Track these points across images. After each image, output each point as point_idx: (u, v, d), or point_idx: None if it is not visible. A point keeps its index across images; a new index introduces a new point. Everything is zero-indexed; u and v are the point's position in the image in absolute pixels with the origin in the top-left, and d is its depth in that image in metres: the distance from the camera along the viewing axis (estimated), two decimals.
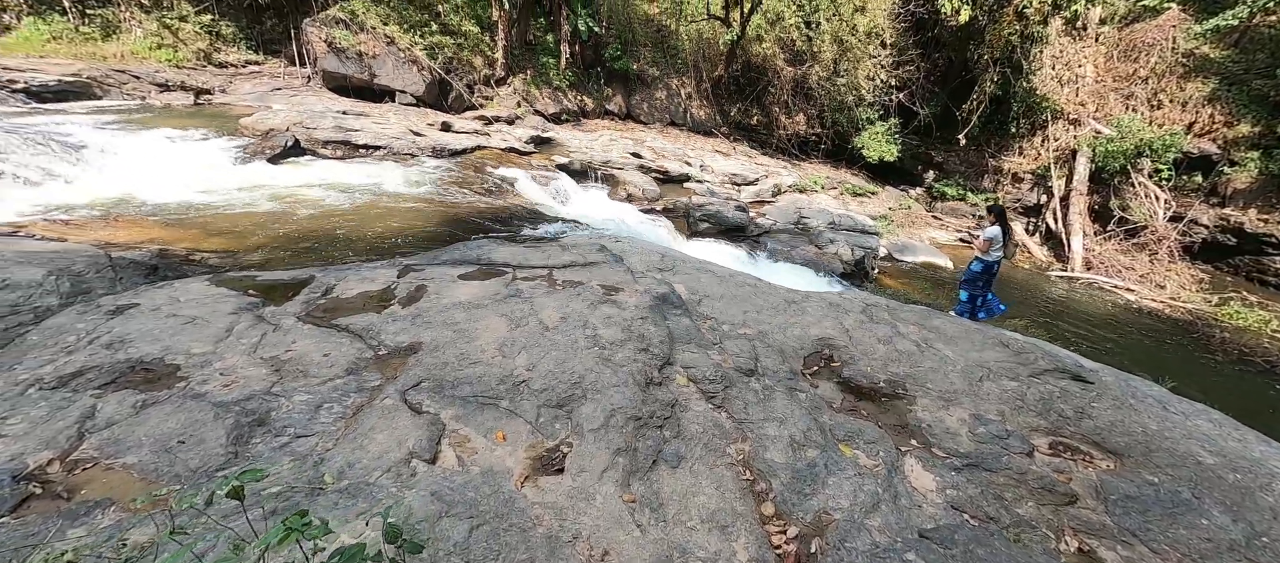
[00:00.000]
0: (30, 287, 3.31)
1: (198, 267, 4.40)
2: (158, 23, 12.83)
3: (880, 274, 11.33)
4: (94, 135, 7.72)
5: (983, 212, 15.83)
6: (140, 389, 2.49)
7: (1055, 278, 13.30)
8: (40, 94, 10.42)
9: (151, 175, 6.85)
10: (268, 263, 4.58)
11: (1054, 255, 14.20)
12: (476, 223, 6.46)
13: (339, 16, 12.55)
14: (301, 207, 6.10)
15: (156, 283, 3.80)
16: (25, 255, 3.70)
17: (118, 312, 3.16)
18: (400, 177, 7.75)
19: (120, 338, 2.87)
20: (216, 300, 3.41)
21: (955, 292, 7.55)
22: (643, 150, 13.03)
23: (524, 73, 15.33)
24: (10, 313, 3.09)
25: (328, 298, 3.54)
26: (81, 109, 10.10)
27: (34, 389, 2.45)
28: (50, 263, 3.60)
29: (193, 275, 4.05)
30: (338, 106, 11.11)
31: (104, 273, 3.79)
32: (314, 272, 3.95)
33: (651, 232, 8.57)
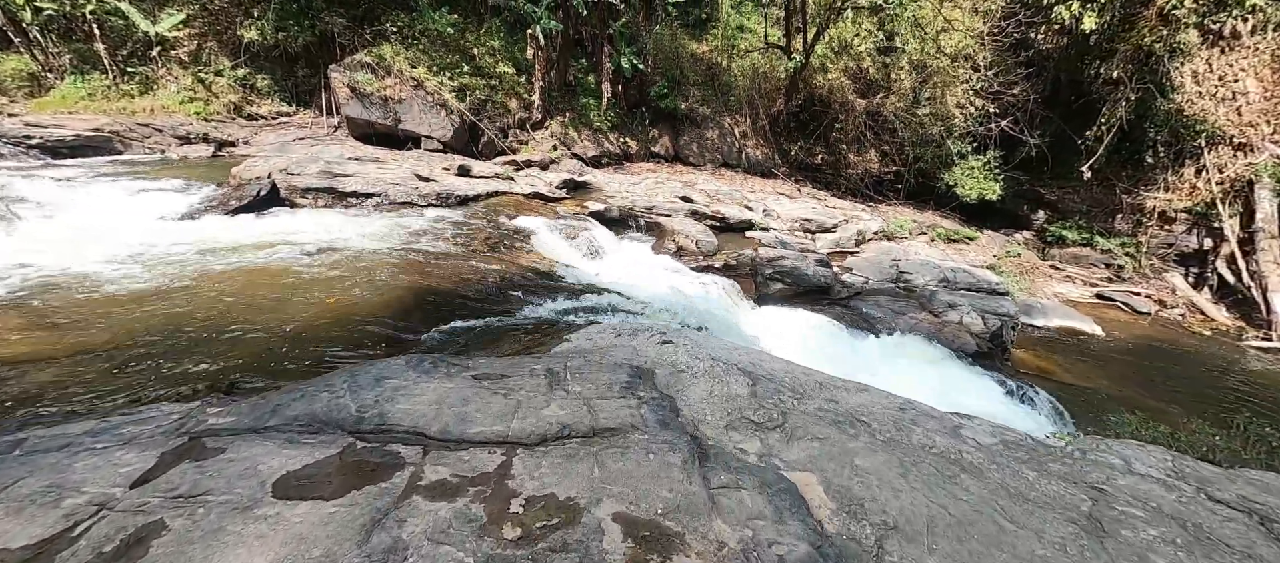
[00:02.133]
0: None
1: None
2: (193, 78, 12.25)
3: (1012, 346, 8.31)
4: (47, 190, 6.40)
5: (1122, 260, 12.41)
6: None
7: (1251, 349, 9.67)
8: (56, 150, 9.59)
9: (78, 236, 5.28)
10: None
11: (1242, 318, 10.54)
12: (455, 297, 4.32)
13: (364, 61, 11.47)
14: (215, 276, 4.21)
15: None
16: None
17: None
18: (381, 229, 5.85)
19: None
20: None
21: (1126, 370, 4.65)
22: (694, 194, 10.85)
23: (562, 115, 13.78)
24: None
25: None
26: (91, 163, 9.18)
27: None
28: None
29: None
30: (351, 153, 9.71)
31: None
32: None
33: (709, 298, 6.19)
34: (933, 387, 5.93)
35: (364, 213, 6.65)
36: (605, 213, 8.48)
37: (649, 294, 5.54)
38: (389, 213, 6.72)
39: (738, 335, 5.20)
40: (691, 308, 5.43)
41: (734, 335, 5.09)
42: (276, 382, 2.72)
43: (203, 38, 12.87)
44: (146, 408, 2.04)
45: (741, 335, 5.31)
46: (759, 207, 10.92)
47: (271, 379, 2.72)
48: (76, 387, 2.62)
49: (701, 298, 6.04)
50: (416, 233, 5.87)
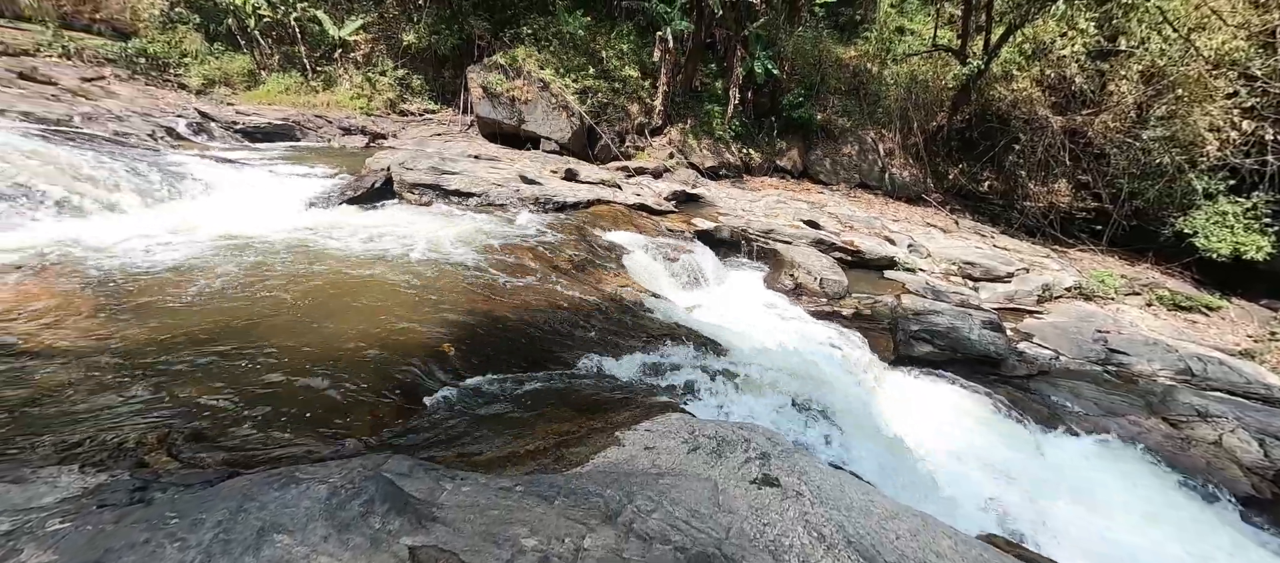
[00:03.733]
0: None
1: None
2: (362, 77, 13.62)
3: None
4: (214, 171, 7.11)
5: None
6: None
7: None
8: (252, 134, 11.06)
9: (214, 216, 5.60)
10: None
11: None
12: (510, 332, 3.53)
13: (499, 63, 11.68)
14: (291, 273, 3.95)
15: None
16: None
17: None
18: (466, 233, 5.38)
19: None
20: None
21: None
22: (822, 217, 9.19)
23: (683, 122, 12.87)
24: None
25: None
26: (275, 147, 10.45)
27: None
28: None
29: None
30: (472, 150, 9.82)
31: None
32: None
33: (833, 359, 4.73)
34: (1179, 552, 3.85)
35: (459, 212, 6.33)
36: (714, 233, 7.34)
37: (753, 347, 4.30)
38: (483, 214, 6.33)
39: (872, 424, 3.74)
40: (808, 373, 4.07)
41: (868, 424, 3.64)
42: (247, 443, 2.10)
43: (375, 42, 14.29)
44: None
45: (876, 423, 3.83)
46: (903, 240, 8.90)
47: (242, 440, 2.11)
48: (69, 391, 2.26)
49: (823, 358, 4.61)
50: (500, 241, 5.31)
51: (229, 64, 13.69)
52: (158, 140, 8.65)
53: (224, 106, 11.85)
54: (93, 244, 4.25)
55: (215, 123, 10.57)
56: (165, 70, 13.35)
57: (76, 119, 8.33)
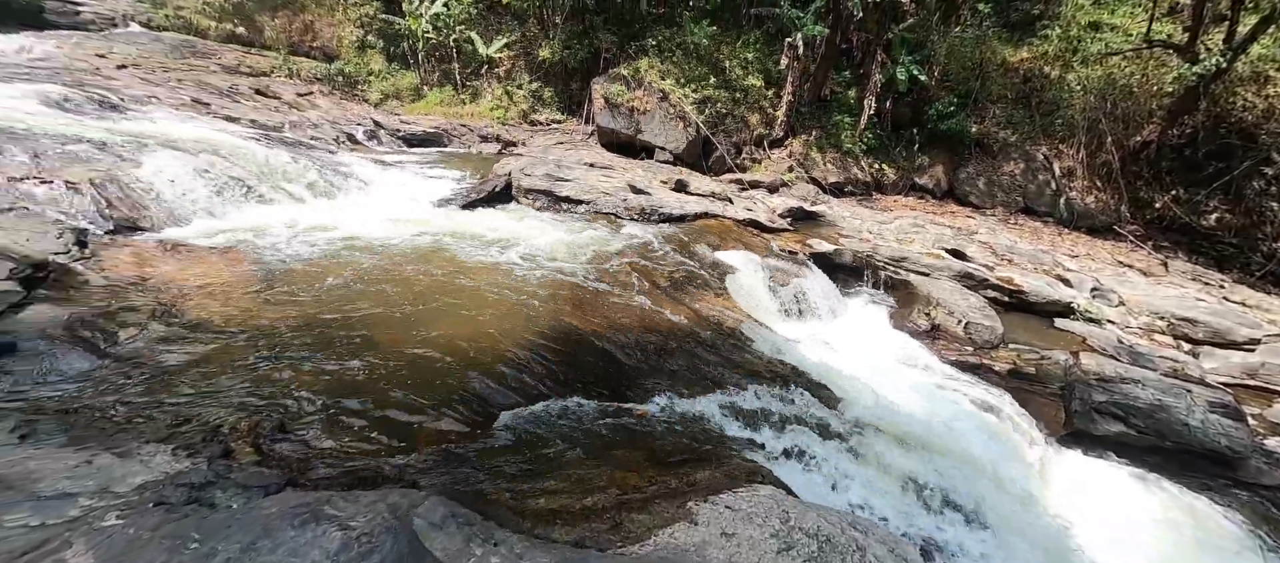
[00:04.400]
0: None
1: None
2: (502, 89, 14.88)
3: None
4: (371, 171, 8.13)
5: None
6: None
7: None
8: (410, 140, 12.64)
9: (370, 208, 6.36)
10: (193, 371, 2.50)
11: None
12: (593, 353, 3.31)
13: (621, 74, 11.89)
14: (407, 266, 4.20)
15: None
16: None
17: None
18: (570, 241, 5.36)
19: None
20: None
21: None
22: (970, 247, 7.74)
23: (807, 133, 11.92)
24: None
25: None
26: (426, 151, 11.82)
27: None
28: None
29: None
30: (589, 159, 10.06)
31: None
32: None
33: (983, 428, 3.76)
34: None
35: (567, 219, 6.40)
36: (832, 257, 6.52)
37: (874, 401, 3.58)
38: (590, 222, 6.32)
39: (1034, 528, 2.83)
40: (945, 444, 3.25)
41: (1027, 528, 2.76)
42: (318, 445, 2.11)
43: (515, 58, 15.54)
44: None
45: (1040, 527, 2.90)
46: (1084, 281, 7.11)
47: (315, 440, 2.13)
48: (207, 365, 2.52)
49: (967, 425, 3.69)
50: (600, 251, 5.19)
51: (400, 80, 15.88)
52: (339, 144, 10.20)
53: (392, 116, 13.73)
54: (271, 230, 4.97)
55: (383, 130, 12.25)
56: (355, 86, 15.91)
57: (285, 126, 10.16)
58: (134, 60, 12.91)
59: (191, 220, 5.02)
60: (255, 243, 4.56)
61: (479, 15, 15.19)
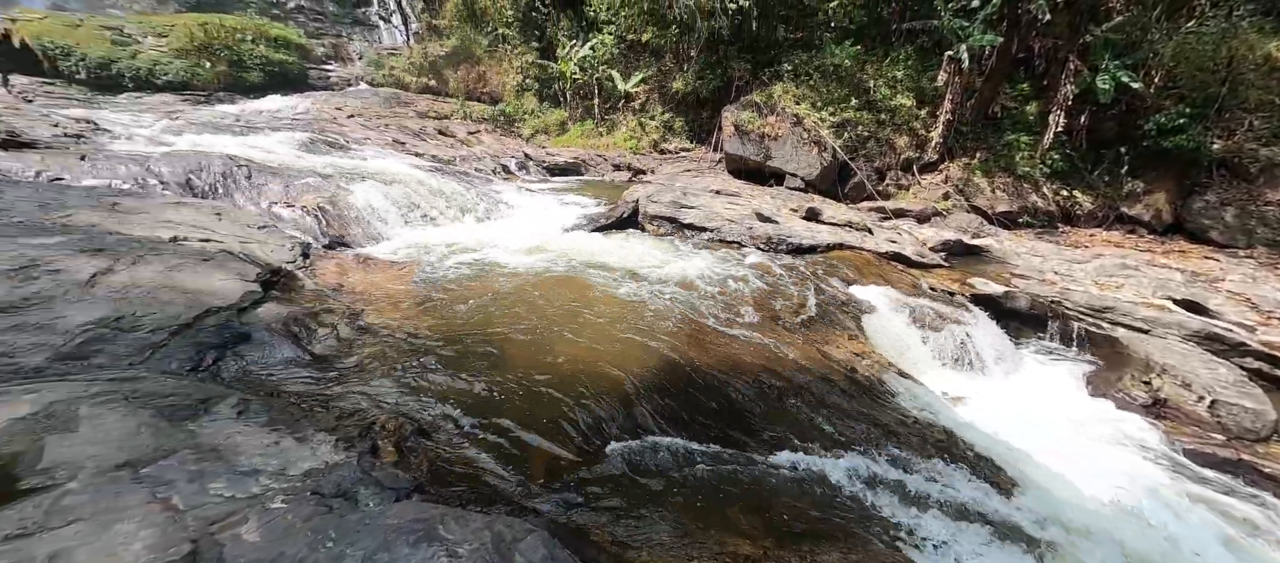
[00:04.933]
0: None
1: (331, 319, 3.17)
2: (636, 121, 15.64)
3: None
4: (517, 197, 9.04)
5: None
6: None
7: None
8: (552, 169, 13.91)
9: (513, 230, 7.04)
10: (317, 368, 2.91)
11: None
12: (707, 389, 3.10)
13: (753, 101, 11.67)
14: (536, 286, 4.49)
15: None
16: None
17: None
18: (691, 268, 5.25)
19: None
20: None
21: None
22: (1214, 299, 5.87)
23: (968, 156, 10.37)
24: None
25: None
26: (566, 180, 12.89)
27: None
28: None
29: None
30: (715, 185, 9.96)
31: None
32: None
33: (1245, 555, 2.70)
34: None
35: (690, 246, 6.32)
36: (1003, 300, 5.43)
37: (1071, 496, 2.78)
38: (712, 250, 6.16)
39: None
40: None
41: None
42: (447, 454, 2.25)
43: (650, 91, 16.28)
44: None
45: None
46: None
47: (446, 448, 2.28)
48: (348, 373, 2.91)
49: (1217, 549, 2.67)
50: (722, 280, 4.99)
51: (549, 117, 17.64)
52: (494, 174, 11.58)
53: (540, 149, 15.25)
54: (435, 247, 5.72)
55: (531, 161, 13.63)
56: (512, 124, 18.09)
57: (456, 160, 11.85)
58: (358, 111, 16.30)
59: (381, 238, 6.02)
60: (422, 259, 5.27)
61: (620, 55, 16.26)
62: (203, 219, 4.59)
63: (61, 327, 2.60)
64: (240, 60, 18.41)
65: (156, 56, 17.04)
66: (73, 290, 2.88)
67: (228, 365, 2.77)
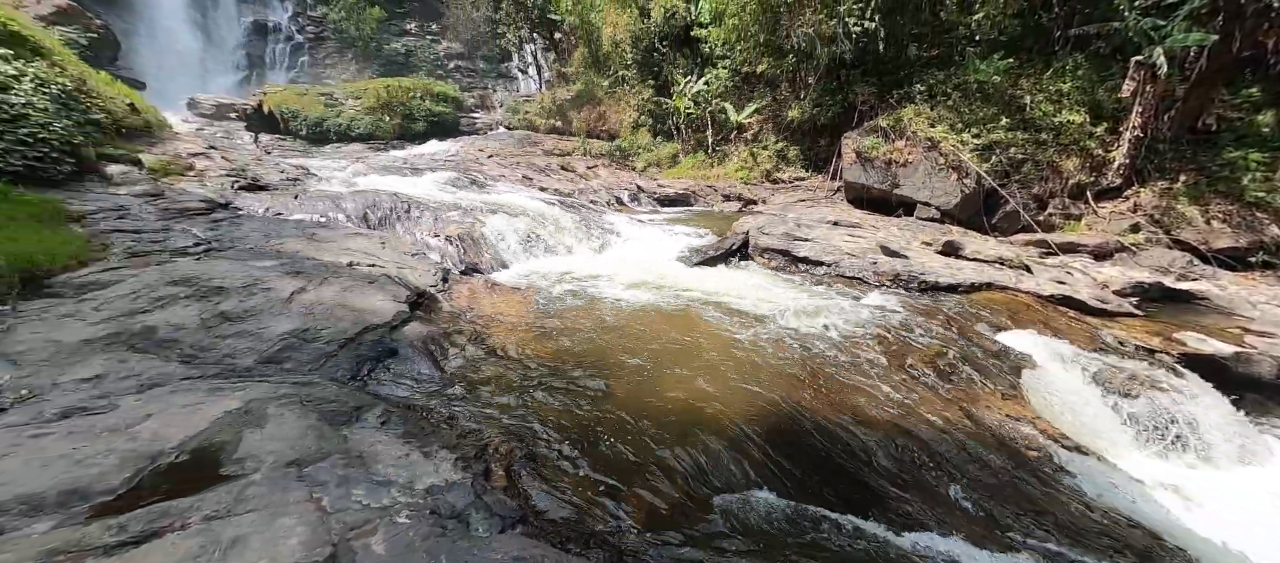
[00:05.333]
0: None
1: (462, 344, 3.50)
2: (748, 151, 15.42)
3: None
4: (627, 227, 9.32)
5: None
6: None
7: None
8: (663, 200, 14.24)
9: (624, 260, 7.27)
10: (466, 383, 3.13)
11: None
12: (820, 444, 2.77)
13: (879, 126, 10.81)
14: (646, 318, 4.51)
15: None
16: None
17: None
18: (805, 305, 4.88)
19: None
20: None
21: None
22: None
23: (1166, 179, 8.40)
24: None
25: None
26: (675, 211, 13.11)
27: None
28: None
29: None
30: (831, 216, 9.32)
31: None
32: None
33: None
34: None
35: (804, 281, 5.91)
36: (1232, 364, 4.17)
37: None
38: (830, 286, 5.69)
39: None
40: None
41: None
42: (550, 487, 2.28)
43: (764, 121, 15.99)
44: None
45: None
46: None
47: (549, 480, 2.31)
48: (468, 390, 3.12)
49: None
50: (840, 320, 4.55)
51: (661, 150, 18.20)
52: (608, 206, 12.16)
53: (651, 181, 15.72)
54: (552, 275, 6.10)
55: (643, 192, 14.09)
56: (627, 158, 18.99)
57: (575, 193, 12.69)
58: (495, 152, 18.40)
59: (507, 265, 6.60)
60: (540, 286, 5.63)
61: (734, 87, 16.31)
62: (371, 247, 5.42)
63: (266, 335, 3.20)
64: (411, 113, 22.02)
65: (353, 114, 21.10)
66: (277, 305, 3.55)
67: (378, 376, 3.17)
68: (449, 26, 34.09)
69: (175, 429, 2.02)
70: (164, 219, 5.32)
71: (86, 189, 5.68)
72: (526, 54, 31.43)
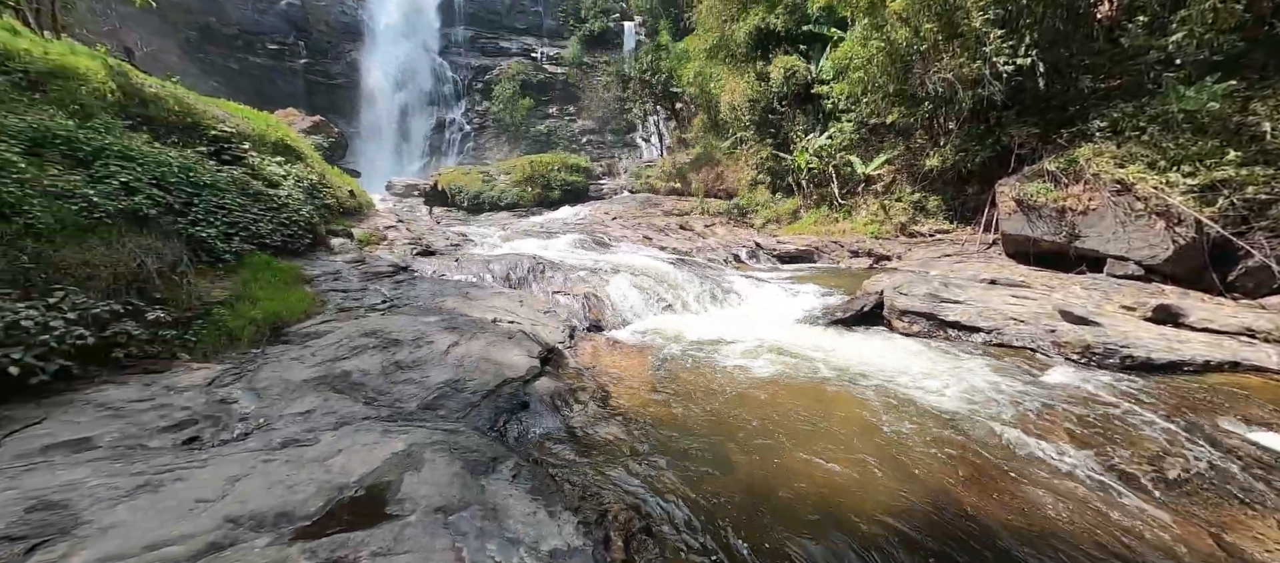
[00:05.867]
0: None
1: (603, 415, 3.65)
2: (878, 204, 14.34)
3: None
4: (745, 286, 9.07)
5: None
6: None
7: None
8: (783, 257, 13.78)
9: (743, 320, 7.08)
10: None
11: None
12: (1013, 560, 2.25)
13: (1046, 169, 9.31)
14: (771, 384, 4.26)
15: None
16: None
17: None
18: (961, 384, 4.19)
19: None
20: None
21: None
22: None
23: None
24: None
25: None
26: (797, 268, 12.56)
27: None
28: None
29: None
30: (988, 274, 8.07)
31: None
32: None
33: None
34: None
35: (956, 351, 5.11)
36: None
37: None
38: (992, 357, 4.83)
39: None
40: None
41: None
42: (672, 552, 2.18)
43: (897, 171, 14.86)
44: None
45: None
46: None
47: (671, 547, 2.21)
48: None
49: None
50: (1012, 403, 3.79)
51: (781, 206, 17.82)
52: (726, 263, 12.09)
53: (770, 238, 15.37)
54: (670, 334, 6.15)
55: (762, 249, 13.78)
56: (745, 215, 18.93)
57: (693, 251, 12.90)
58: (619, 214, 19.69)
59: (627, 323, 6.83)
60: (658, 345, 5.69)
61: (860, 139, 15.58)
62: (511, 305, 6.04)
63: (428, 383, 3.67)
64: (548, 183, 24.83)
65: (503, 187, 24.46)
66: (437, 356, 4.08)
67: (511, 428, 3.41)
68: (584, 108, 38.53)
69: (357, 465, 2.38)
70: (363, 280, 6.57)
71: (316, 257, 7.30)
72: (650, 125, 33.85)
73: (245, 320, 4.45)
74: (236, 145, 7.78)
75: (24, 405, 2.91)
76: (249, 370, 3.69)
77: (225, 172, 6.87)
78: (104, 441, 2.65)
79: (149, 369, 3.65)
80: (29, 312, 3.19)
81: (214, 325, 4.31)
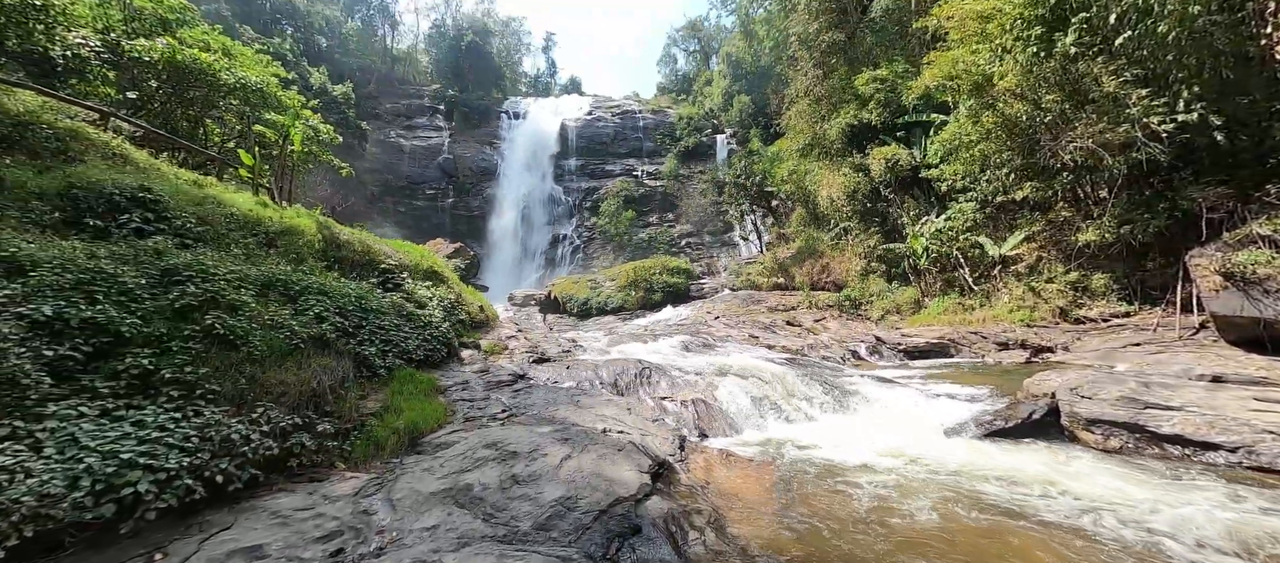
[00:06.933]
0: None
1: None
2: (1024, 287, 12.45)
3: None
4: (871, 388, 8.05)
5: None
6: None
7: None
8: (911, 352, 12.30)
9: (873, 428, 6.22)
10: None
11: None
12: None
13: (1259, 234, 7.48)
14: (915, 514, 3.53)
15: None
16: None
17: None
18: (1203, 514, 3.08)
19: None
20: None
21: None
22: None
23: None
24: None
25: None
26: (930, 363, 11.05)
27: None
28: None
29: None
30: (1208, 368, 6.29)
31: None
32: None
33: None
34: None
35: (1179, 472, 3.86)
36: None
37: None
38: (1240, 485, 3.56)
39: None
40: None
41: None
42: None
43: (1041, 249, 12.99)
44: None
45: None
46: None
47: None
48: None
49: None
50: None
51: (899, 295, 16.31)
52: (844, 361, 11.05)
53: (892, 331, 13.90)
54: (790, 446, 5.55)
55: (884, 344, 12.45)
56: (858, 307, 17.58)
57: (804, 349, 12.07)
58: (722, 313, 19.46)
59: (740, 431, 6.35)
60: (776, 458, 5.14)
61: (985, 218, 14.15)
62: (620, 413, 5.99)
63: (542, 500, 3.64)
64: (650, 286, 25.76)
65: (608, 293, 25.87)
66: (550, 470, 4.08)
67: (624, 556, 3.17)
68: (682, 214, 40.77)
69: None
70: (486, 389, 7.07)
71: (449, 368, 8.09)
72: (747, 224, 34.40)
73: (390, 431, 4.93)
74: (398, 275, 9.31)
75: (218, 511, 3.40)
76: (389, 481, 4.00)
77: (387, 297, 8.17)
78: (272, 548, 2.95)
79: (313, 477, 4.13)
80: (237, 426, 3.86)
81: (366, 436, 4.83)
